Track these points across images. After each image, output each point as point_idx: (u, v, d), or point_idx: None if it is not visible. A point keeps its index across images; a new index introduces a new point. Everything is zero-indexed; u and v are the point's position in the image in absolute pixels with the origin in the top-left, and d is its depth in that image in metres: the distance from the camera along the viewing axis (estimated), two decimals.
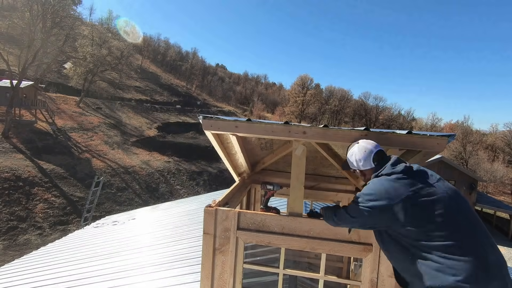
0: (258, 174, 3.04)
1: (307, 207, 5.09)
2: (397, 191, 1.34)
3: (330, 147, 2.72)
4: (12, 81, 26.03)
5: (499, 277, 1.23)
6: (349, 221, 1.46)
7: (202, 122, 1.71)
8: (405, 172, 1.38)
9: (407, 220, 1.31)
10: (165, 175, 30.18)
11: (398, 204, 1.31)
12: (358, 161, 1.53)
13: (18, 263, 4.81)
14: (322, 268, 1.66)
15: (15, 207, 18.35)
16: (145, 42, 72.96)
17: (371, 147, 1.51)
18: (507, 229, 22.10)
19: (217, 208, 1.68)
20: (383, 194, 1.35)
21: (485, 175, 33.81)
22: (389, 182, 1.37)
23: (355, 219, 1.44)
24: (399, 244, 1.38)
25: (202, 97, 69.71)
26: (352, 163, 1.57)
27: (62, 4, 29.76)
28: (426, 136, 1.46)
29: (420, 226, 1.30)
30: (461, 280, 1.19)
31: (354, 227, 1.52)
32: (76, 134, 29.98)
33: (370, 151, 1.50)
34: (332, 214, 1.53)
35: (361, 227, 1.49)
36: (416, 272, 1.32)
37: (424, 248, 1.29)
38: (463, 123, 50.53)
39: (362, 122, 67.92)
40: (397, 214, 1.32)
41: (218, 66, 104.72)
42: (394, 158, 1.46)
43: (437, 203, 1.31)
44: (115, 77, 49.79)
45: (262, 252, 3.48)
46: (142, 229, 5.63)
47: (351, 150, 1.58)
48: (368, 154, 1.50)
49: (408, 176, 1.37)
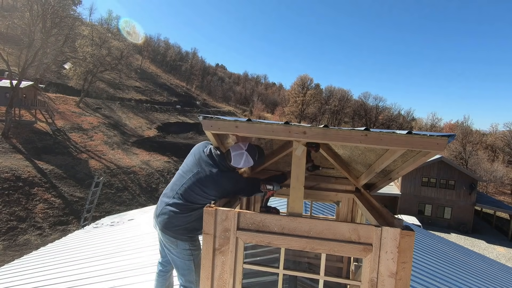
0: (258, 173, 3.05)
1: (307, 207, 5.10)
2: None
3: (330, 147, 2.72)
4: (12, 81, 25.99)
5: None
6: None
7: (202, 122, 1.71)
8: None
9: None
10: (165, 175, 30.18)
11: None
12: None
13: (18, 263, 4.80)
14: (322, 268, 1.66)
15: (15, 207, 18.34)
16: (145, 42, 72.94)
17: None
18: (507, 229, 22.12)
19: (217, 208, 1.68)
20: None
21: (485, 175, 33.82)
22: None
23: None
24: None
25: (202, 97, 69.70)
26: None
27: (62, 4, 29.73)
28: (426, 136, 1.46)
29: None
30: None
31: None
32: (75, 134, 29.97)
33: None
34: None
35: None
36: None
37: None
38: (463, 123, 50.56)
39: (362, 122, 67.94)
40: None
41: (218, 66, 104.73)
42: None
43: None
44: (115, 77, 49.78)
45: (262, 252, 3.48)
46: (142, 229, 5.63)
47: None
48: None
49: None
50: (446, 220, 22.43)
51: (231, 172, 2.05)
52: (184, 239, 2.05)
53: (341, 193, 2.96)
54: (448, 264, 5.71)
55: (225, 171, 2.01)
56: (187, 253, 2.08)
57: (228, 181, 1.99)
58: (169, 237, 2.04)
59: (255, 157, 2.05)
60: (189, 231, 2.05)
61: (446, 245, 7.50)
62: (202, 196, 1.98)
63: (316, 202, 5.98)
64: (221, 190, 1.98)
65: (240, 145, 2.03)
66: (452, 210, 22.24)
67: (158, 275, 2.40)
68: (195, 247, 2.10)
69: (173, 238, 2.04)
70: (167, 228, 2.03)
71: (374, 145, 1.53)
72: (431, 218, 22.55)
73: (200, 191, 1.97)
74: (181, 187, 2.03)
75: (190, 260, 2.09)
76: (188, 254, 2.08)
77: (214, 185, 1.97)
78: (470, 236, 21.19)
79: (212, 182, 1.96)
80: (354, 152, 2.40)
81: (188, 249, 2.07)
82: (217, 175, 1.96)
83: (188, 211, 2.01)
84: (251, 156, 2.02)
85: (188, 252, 2.07)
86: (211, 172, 1.97)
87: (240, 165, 2.02)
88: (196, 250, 2.10)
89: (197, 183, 1.98)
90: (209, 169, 1.99)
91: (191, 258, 2.08)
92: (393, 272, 1.52)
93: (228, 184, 1.99)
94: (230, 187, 2.01)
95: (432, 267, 4.95)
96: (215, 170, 1.98)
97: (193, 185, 1.99)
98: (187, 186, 2.00)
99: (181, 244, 2.05)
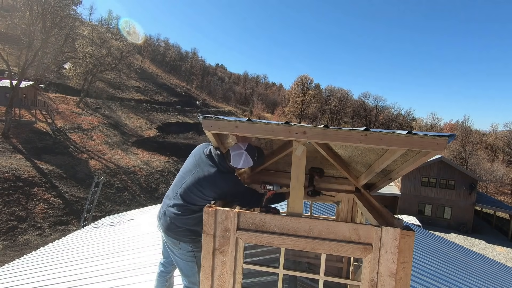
0: (258, 174, 3.05)
1: (307, 207, 5.10)
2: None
3: (330, 147, 2.72)
4: (12, 81, 25.99)
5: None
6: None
7: (202, 122, 1.71)
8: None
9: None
10: (165, 175, 30.18)
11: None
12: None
13: (18, 263, 4.80)
14: (322, 268, 1.66)
15: (15, 207, 18.34)
16: (145, 42, 72.94)
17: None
18: (507, 229, 22.12)
19: (217, 208, 1.68)
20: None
21: (485, 175, 33.82)
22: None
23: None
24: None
25: (202, 97, 69.71)
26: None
27: (62, 4, 29.73)
28: (426, 136, 1.46)
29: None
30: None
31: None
32: (75, 134, 29.96)
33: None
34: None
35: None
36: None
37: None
38: (463, 123, 50.52)
39: (362, 122, 67.94)
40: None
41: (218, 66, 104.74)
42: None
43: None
44: (115, 77, 49.77)
45: (262, 252, 3.48)
46: (142, 229, 5.63)
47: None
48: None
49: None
50: (446, 220, 22.43)
51: (230, 174, 2.05)
52: (187, 241, 2.06)
53: (341, 193, 2.96)
54: (448, 264, 5.71)
55: (224, 172, 2.01)
56: (190, 255, 2.09)
57: (225, 182, 1.99)
58: (172, 238, 2.06)
59: (255, 157, 2.05)
60: (192, 233, 2.06)
61: (446, 245, 7.50)
62: (200, 197, 1.98)
63: (316, 202, 5.98)
64: (219, 191, 1.98)
65: (240, 145, 2.03)
66: (452, 210, 22.24)
67: (159, 275, 2.41)
68: (197, 248, 2.10)
69: (176, 240, 2.06)
70: (169, 230, 2.04)
71: (374, 145, 1.53)
72: (431, 218, 22.55)
73: (198, 192, 1.98)
74: (180, 187, 2.04)
75: (193, 261, 2.10)
76: (191, 256, 2.09)
77: (212, 186, 1.96)
78: (470, 236, 21.19)
79: (209, 182, 1.96)
80: (354, 152, 2.40)
81: (191, 250, 2.08)
82: (215, 176, 1.96)
83: (189, 212, 2.01)
84: (250, 156, 2.02)
85: (191, 254, 2.09)
86: (209, 172, 1.98)
87: (239, 165, 2.02)
88: (199, 252, 2.10)
89: (195, 183, 1.98)
90: (208, 169, 1.99)
91: (194, 259, 2.10)
92: (393, 272, 1.52)
93: (225, 185, 1.99)
94: (228, 189, 2.00)
95: (432, 267, 4.95)
96: (213, 170, 1.98)
97: (192, 186, 1.99)
98: (185, 186, 2.01)
99: (184, 246, 2.07)
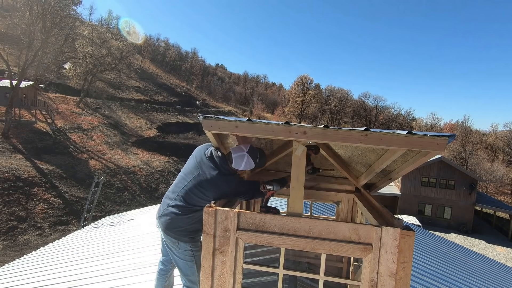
0: (258, 174, 3.05)
1: (307, 207, 5.10)
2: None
3: (330, 147, 2.72)
4: (12, 81, 25.98)
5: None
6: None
7: (202, 122, 1.71)
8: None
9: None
10: (165, 175, 30.17)
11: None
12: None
13: (18, 263, 4.80)
14: (322, 268, 1.66)
15: (15, 207, 18.34)
16: (145, 42, 72.94)
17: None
18: (507, 229, 22.12)
19: (217, 208, 1.68)
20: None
21: (485, 175, 33.82)
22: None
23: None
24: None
25: (202, 97, 69.70)
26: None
27: (62, 4, 29.72)
28: (426, 136, 1.46)
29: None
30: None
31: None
32: (75, 135, 29.96)
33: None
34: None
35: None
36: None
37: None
38: (463, 123, 50.54)
39: (362, 122, 67.93)
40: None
41: (218, 66, 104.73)
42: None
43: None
44: (115, 77, 49.77)
45: (262, 252, 3.48)
46: (142, 229, 5.63)
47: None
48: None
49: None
50: (446, 220, 22.43)
51: (232, 176, 2.06)
52: (186, 240, 2.07)
53: (341, 193, 2.96)
54: (448, 264, 5.71)
55: (226, 174, 2.02)
56: (189, 254, 2.10)
57: (228, 184, 2.00)
58: (171, 238, 2.07)
59: (256, 159, 2.05)
60: (191, 233, 2.07)
61: (446, 245, 7.50)
62: (202, 198, 1.99)
63: (316, 202, 5.98)
64: (221, 193, 1.99)
65: (242, 147, 2.04)
66: (452, 210, 22.24)
67: (159, 273, 2.43)
68: (196, 248, 2.12)
69: (175, 239, 2.07)
70: (169, 229, 2.05)
71: (374, 145, 1.53)
72: (431, 218, 22.54)
73: (200, 194, 1.99)
74: (182, 189, 2.05)
75: (192, 261, 2.12)
76: (190, 255, 2.11)
77: (214, 188, 1.98)
78: (470, 236, 21.19)
79: (212, 185, 1.98)
80: (354, 152, 2.40)
81: (190, 250, 2.10)
82: (217, 178, 1.97)
83: (189, 213, 2.03)
84: (252, 158, 2.02)
85: (189, 253, 2.10)
86: (211, 175, 1.98)
87: (241, 167, 2.03)
88: (198, 251, 2.11)
89: (197, 185, 1.99)
90: (210, 172, 2.00)
91: (193, 259, 2.11)
92: (393, 272, 1.52)
93: (228, 187, 2.00)
94: (230, 190, 2.02)
95: (432, 267, 4.95)
96: (215, 173, 1.99)
97: (194, 188, 2.00)
98: (187, 188, 2.03)
99: (183, 245, 2.08)
